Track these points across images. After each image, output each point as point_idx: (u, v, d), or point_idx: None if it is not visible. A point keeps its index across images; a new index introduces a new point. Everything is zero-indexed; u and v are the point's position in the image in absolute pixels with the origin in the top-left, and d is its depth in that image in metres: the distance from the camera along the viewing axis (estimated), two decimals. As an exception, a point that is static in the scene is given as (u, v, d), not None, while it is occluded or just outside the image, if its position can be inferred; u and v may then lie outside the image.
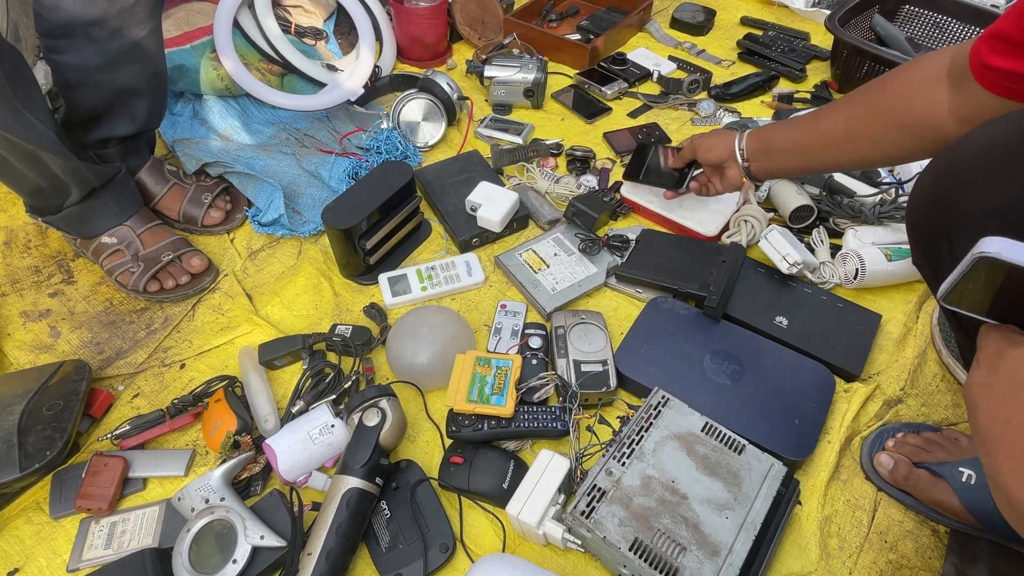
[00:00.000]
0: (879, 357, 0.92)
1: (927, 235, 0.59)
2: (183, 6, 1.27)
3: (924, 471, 0.77)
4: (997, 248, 0.42)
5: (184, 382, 0.91)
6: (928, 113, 0.66)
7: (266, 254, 1.08)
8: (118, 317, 0.99)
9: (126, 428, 0.83)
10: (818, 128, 0.80)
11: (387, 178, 1.02)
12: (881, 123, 0.72)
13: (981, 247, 0.43)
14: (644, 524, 0.69)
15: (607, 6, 1.63)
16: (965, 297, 0.48)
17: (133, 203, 1.02)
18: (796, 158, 0.84)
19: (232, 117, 1.26)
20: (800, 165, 0.85)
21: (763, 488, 0.73)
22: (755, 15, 1.63)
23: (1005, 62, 0.54)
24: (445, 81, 1.28)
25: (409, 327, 0.89)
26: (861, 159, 0.78)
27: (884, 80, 0.72)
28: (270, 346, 0.90)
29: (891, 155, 0.74)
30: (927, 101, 0.66)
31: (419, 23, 1.43)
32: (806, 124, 0.81)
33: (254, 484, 0.79)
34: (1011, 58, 0.53)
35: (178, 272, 0.99)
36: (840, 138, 0.77)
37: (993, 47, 0.55)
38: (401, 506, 0.75)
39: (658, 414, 0.78)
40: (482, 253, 1.08)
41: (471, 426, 0.80)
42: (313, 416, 0.80)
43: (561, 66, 1.48)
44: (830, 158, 0.80)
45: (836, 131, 0.77)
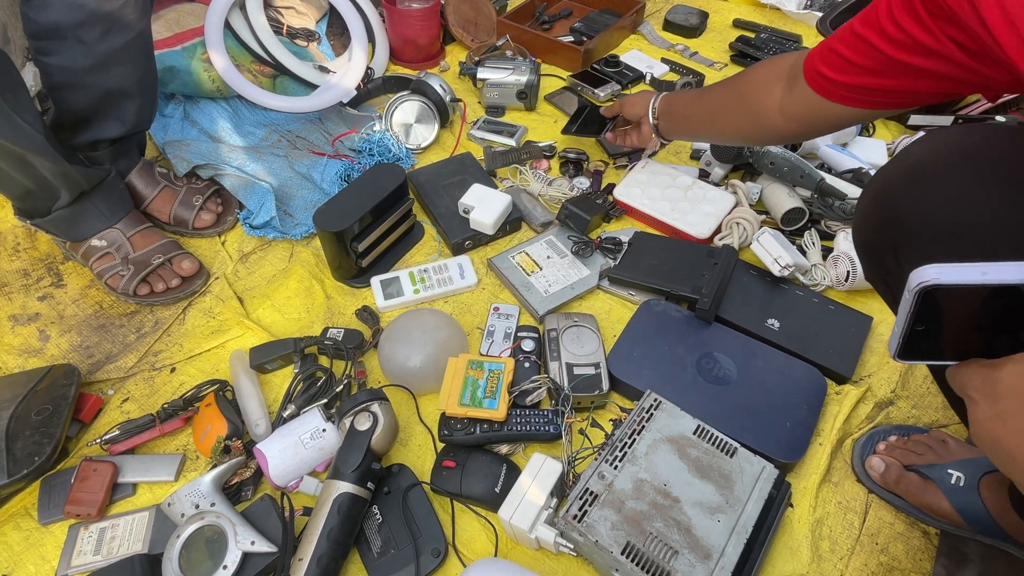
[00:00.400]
0: (870, 359, 0.93)
1: (874, 250, 0.61)
2: (174, 7, 1.26)
3: (914, 474, 0.77)
4: (934, 274, 0.38)
5: (174, 386, 0.91)
6: (764, 106, 0.78)
7: (257, 257, 1.07)
8: (108, 321, 0.99)
9: (116, 433, 0.83)
10: (701, 102, 0.94)
11: (379, 180, 1.02)
12: (735, 107, 0.85)
13: (917, 279, 0.39)
14: (636, 528, 0.69)
15: (600, 8, 1.64)
16: (919, 343, 0.43)
17: (123, 206, 1.01)
18: (687, 125, 0.98)
19: (223, 119, 1.25)
20: (690, 132, 1.02)
21: (755, 491, 0.73)
22: (747, 17, 1.64)
23: (831, 72, 0.66)
24: (438, 83, 1.27)
25: (401, 330, 0.89)
26: (724, 135, 0.95)
27: (749, 70, 0.84)
28: (261, 350, 0.90)
29: (740, 136, 0.90)
30: (766, 95, 0.78)
31: (412, 25, 1.42)
32: (696, 97, 0.95)
33: (245, 489, 0.78)
34: (836, 70, 0.65)
35: (168, 275, 0.99)
36: (712, 113, 0.91)
37: (826, 58, 0.66)
38: (393, 511, 0.75)
39: (650, 417, 0.78)
40: (475, 255, 1.08)
41: (463, 430, 0.80)
42: (304, 420, 0.79)
43: (554, 68, 1.48)
44: (706, 130, 0.96)
45: (711, 107, 0.91)
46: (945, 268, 0.38)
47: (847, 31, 0.62)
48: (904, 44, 0.57)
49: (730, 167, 1.18)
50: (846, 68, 0.64)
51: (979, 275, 0.37)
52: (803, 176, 1.06)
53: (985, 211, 0.49)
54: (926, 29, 0.54)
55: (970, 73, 0.55)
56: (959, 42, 0.53)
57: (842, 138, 1.20)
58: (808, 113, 0.72)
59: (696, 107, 0.95)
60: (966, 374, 0.42)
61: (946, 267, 0.38)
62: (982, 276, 0.37)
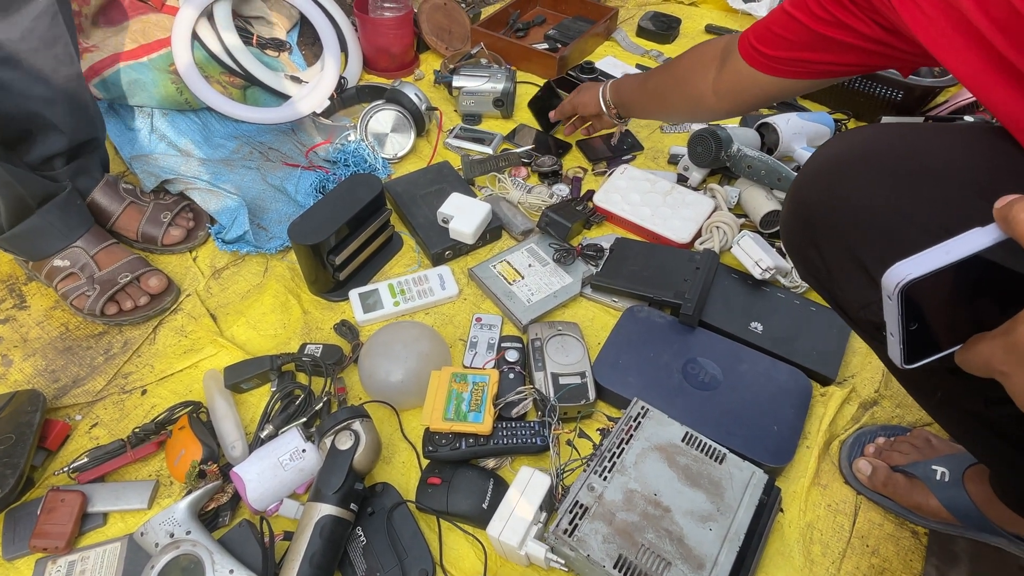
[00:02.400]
0: (853, 359, 0.93)
1: (798, 248, 0.61)
2: (139, 18, 1.23)
3: (901, 475, 0.77)
4: (906, 271, 0.37)
5: (146, 409, 0.87)
6: (698, 89, 0.87)
7: (231, 272, 1.04)
8: (74, 343, 0.95)
9: (84, 460, 0.79)
10: (645, 88, 1.02)
11: (355, 191, 1.00)
12: (673, 91, 0.94)
13: (893, 281, 0.38)
14: (628, 540, 0.68)
15: (574, 15, 1.64)
16: (918, 343, 0.41)
17: (82, 222, 0.97)
18: (637, 109, 1.07)
19: (193, 131, 1.22)
20: (642, 113, 1.09)
21: (745, 497, 0.72)
22: (719, 23, 1.65)
23: (765, 47, 0.73)
24: (413, 92, 1.26)
25: (382, 344, 0.87)
26: (669, 115, 1.14)
27: (684, 54, 0.92)
28: (236, 368, 0.87)
29: (681, 115, 1.10)
30: (699, 78, 0.86)
31: (385, 33, 1.41)
32: (640, 83, 1.03)
33: (222, 515, 0.75)
34: (770, 46, 0.72)
35: (136, 293, 0.95)
36: (655, 98, 1.00)
37: (760, 36, 0.73)
38: (378, 532, 0.73)
39: (638, 426, 0.77)
40: (455, 266, 1.06)
41: (448, 445, 0.78)
42: (283, 441, 0.77)
43: (530, 75, 1.47)
44: (653, 111, 1.07)
45: (653, 92, 1.00)
46: (911, 261, 0.38)
47: (779, 11, 0.70)
48: (828, 22, 0.64)
49: (708, 171, 1.18)
50: (778, 43, 0.71)
51: (944, 255, 0.37)
52: (780, 179, 1.06)
53: (885, 206, 0.51)
54: (846, 8, 0.61)
55: (887, 47, 0.62)
56: (876, 20, 0.59)
57: (817, 141, 1.21)
58: (739, 88, 0.80)
59: (641, 93, 1.04)
60: (982, 352, 0.39)
61: (911, 260, 0.38)
62: (946, 256, 0.37)
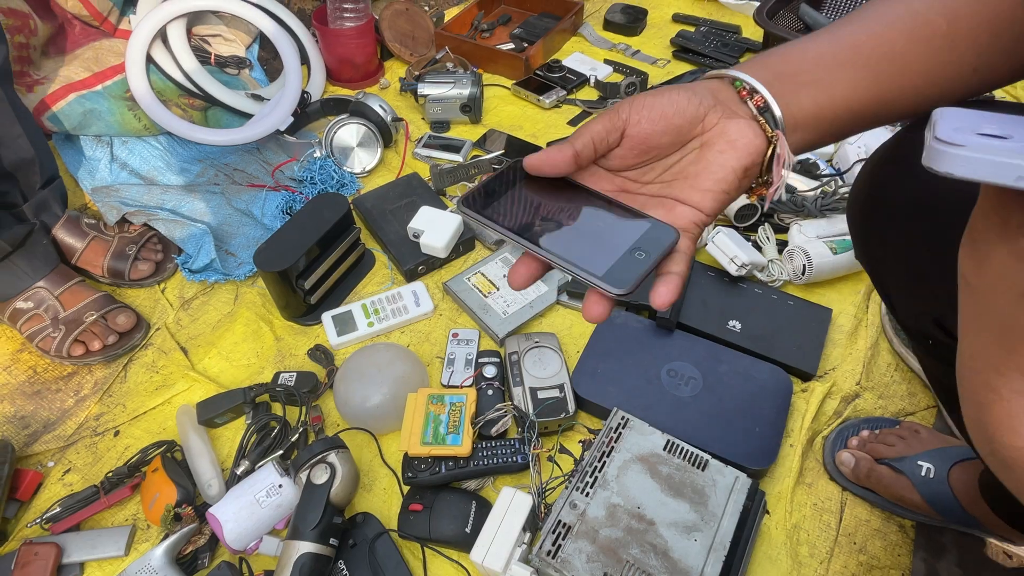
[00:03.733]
0: (833, 352, 0.92)
1: (862, 228, 0.58)
2: (91, 45, 1.20)
3: (885, 467, 0.77)
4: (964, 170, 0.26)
5: (119, 451, 0.86)
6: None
7: (200, 302, 1.02)
8: (43, 386, 0.93)
9: (57, 510, 0.78)
10: (863, 52, 0.41)
11: (322, 211, 0.98)
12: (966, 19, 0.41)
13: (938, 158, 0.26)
14: (613, 557, 0.67)
15: (539, 12, 1.61)
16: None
17: (47, 262, 0.95)
18: (867, 99, 0.42)
19: (154, 158, 1.19)
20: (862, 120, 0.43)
21: (729, 504, 0.71)
22: (686, 11, 1.63)
23: None
24: (378, 103, 1.24)
25: (356, 369, 0.85)
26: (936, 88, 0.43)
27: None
28: (209, 404, 0.85)
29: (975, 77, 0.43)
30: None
31: (346, 44, 1.38)
32: (850, 40, 0.42)
33: (201, 557, 0.74)
34: None
35: (103, 332, 0.93)
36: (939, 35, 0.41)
37: None
38: (360, 564, 0.72)
39: (619, 437, 0.76)
40: (429, 280, 1.05)
41: (428, 470, 0.77)
42: (259, 477, 0.75)
43: (497, 77, 1.45)
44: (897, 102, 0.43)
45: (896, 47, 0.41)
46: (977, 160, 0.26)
47: None
48: None
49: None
50: None
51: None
52: (752, 172, 1.05)
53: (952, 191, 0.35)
54: None
55: None
56: None
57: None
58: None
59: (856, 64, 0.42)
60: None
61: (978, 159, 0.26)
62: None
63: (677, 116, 0.39)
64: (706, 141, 0.40)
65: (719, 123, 0.40)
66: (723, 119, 0.39)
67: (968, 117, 0.28)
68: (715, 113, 0.40)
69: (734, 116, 0.40)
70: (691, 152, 0.41)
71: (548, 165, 0.40)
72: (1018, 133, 0.27)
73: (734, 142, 0.39)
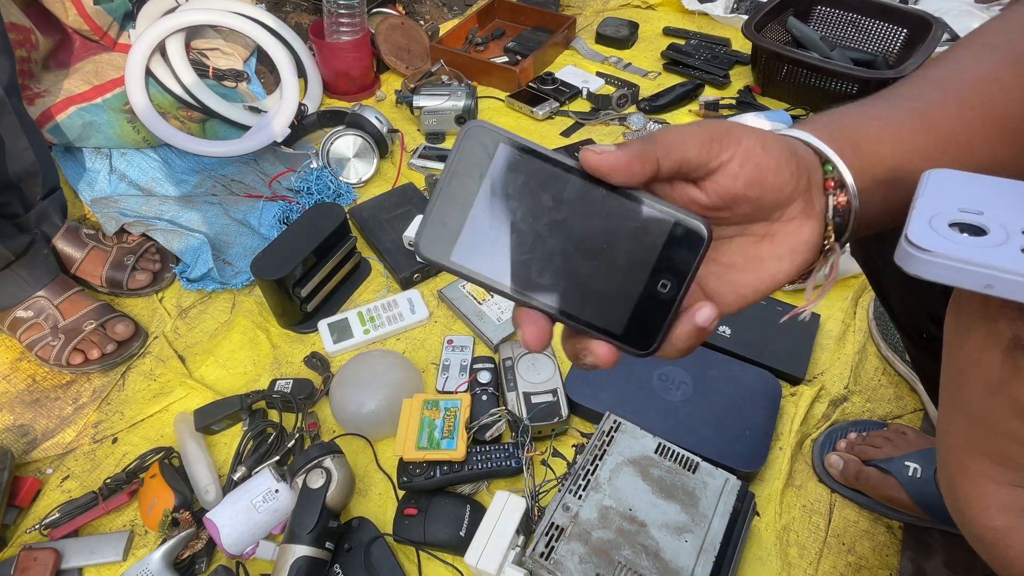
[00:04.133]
0: (821, 357, 0.94)
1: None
2: (91, 59, 1.22)
3: (873, 468, 0.78)
4: (926, 271, 0.26)
5: (117, 458, 0.86)
6: None
7: (197, 311, 1.03)
8: (42, 395, 0.94)
9: (56, 516, 0.78)
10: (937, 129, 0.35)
11: (318, 220, 1.00)
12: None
13: (902, 259, 0.27)
14: (605, 558, 0.68)
15: (532, 26, 1.64)
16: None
17: (47, 272, 0.96)
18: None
19: (153, 169, 1.21)
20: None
21: (719, 505, 0.72)
22: (677, 24, 1.67)
23: None
24: (374, 115, 1.26)
25: (351, 376, 0.86)
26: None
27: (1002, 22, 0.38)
28: (206, 411, 0.86)
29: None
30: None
31: (343, 57, 1.40)
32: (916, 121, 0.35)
33: (198, 562, 0.75)
34: None
35: (102, 341, 0.94)
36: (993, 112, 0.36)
37: None
38: (356, 568, 0.73)
39: (611, 440, 0.77)
40: (425, 288, 1.06)
41: (423, 474, 0.78)
42: (255, 483, 0.76)
43: (491, 89, 1.48)
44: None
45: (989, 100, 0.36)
46: (941, 265, 0.26)
47: None
48: None
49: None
50: None
51: (981, 285, 0.26)
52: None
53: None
54: None
55: None
56: None
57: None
58: None
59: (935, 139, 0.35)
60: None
61: (942, 264, 0.26)
62: (985, 288, 0.26)
63: (774, 191, 0.30)
64: (773, 233, 0.32)
65: (797, 219, 0.32)
66: (802, 215, 0.32)
67: (951, 190, 0.28)
68: (799, 203, 0.31)
69: (811, 212, 0.32)
70: (750, 236, 0.32)
71: (623, 171, 0.28)
72: (998, 219, 0.26)
73: (796, 248, 0.32)
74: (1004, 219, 0.26)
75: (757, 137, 0.30)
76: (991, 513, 0.28)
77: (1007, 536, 0.28)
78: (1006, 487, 0.28)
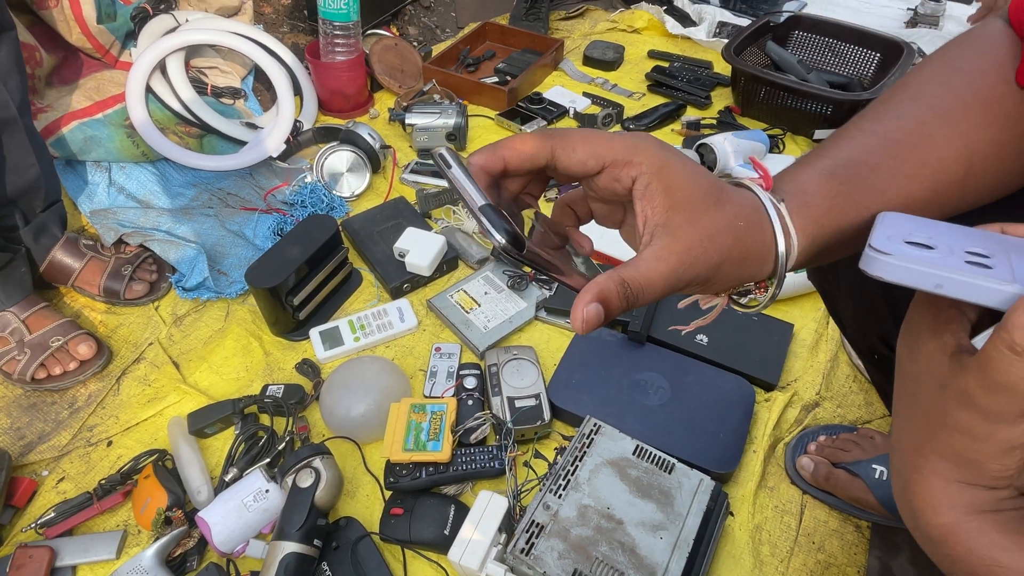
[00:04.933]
0: (794, 364, 0.98)
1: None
2: (93, 76, 1.26)
3: (842, 471, 0.81)
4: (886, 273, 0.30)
5: (112, 460, 0.89)
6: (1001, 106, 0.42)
7: (192, 319, 1.06)
8: (39, 399, 0.96)
9: (51, 515, 0.80)
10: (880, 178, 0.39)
11: (312, 232, 1.03)
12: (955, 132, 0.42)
13: (867, 264, 0.31)
14: (583, 554, 0.70)
15: (522, 48, 1.70)
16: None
17: (21, 290, 0.98)
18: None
19: (151, 182, 1.25)
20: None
21: (694, 504, 0.75)
22: (661, 48, 1.73)
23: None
24: (367, 132, 1.30)
25: (341, 381, 0.89)
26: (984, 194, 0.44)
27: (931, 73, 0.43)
28: (199, 414, 0.89)
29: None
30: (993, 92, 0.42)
31: (338, 76, 1.45)
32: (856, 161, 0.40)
33: (190, 559, 0.77)
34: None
35: (65, 358, 0.96)
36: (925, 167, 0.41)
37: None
38: (343, 565, 0.75)
39: (591, 442, 0.81)
40: (414, 298, 1.10)
41: (409, 475, 0.81)
42: (246, 483, 0.79)
43: (482, 108, 1.53)
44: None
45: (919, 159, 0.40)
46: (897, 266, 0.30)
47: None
48: None
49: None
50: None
51: (932, 285, 0.30)
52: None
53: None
54: None
55: None
56: None
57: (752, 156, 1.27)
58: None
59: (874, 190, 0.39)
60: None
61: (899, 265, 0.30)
62: (935, 288, 0.30)
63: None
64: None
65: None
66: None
67: (904, 224, 0.33)
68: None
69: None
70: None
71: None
72: (943, 243, 0.30)
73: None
74: (949, 243, 0.31)
75: (736, 263, 0.35)
76: (941, 510, 0.29)
77: (954, 533, 0.29)
78: (955, 484, 0.29)
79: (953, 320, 0.30)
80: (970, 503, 0.29)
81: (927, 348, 0.31)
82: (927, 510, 0.30)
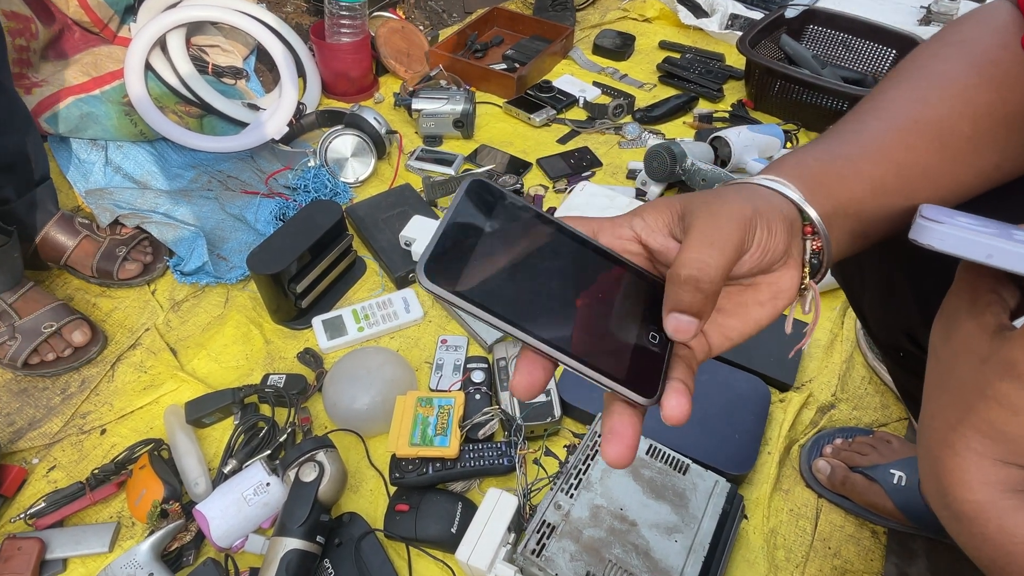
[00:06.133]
0: (809, 365, 0.95)
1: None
2: (90, 51, 1.22)
3: (859, 475, 0.79)
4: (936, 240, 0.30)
5: (105, 449, 0.86)
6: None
7: (190, 305, 1.03)
8: (29, 384, 0.92)
9: (41, 505, 0.77)
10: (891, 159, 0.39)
11: (316, 218, 1.00)
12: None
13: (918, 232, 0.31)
14: (595, 556, 0.68)
15: (531, 35, 1.66)
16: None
17: (13, 276, 0.94)
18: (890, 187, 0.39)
19: (149, 162, 1.21)
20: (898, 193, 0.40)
21: (709, 507, 0.73)
22: (672, 39, 1.70)
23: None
24: (372, 116, 1.26)
25: (346, 371, 0.87)
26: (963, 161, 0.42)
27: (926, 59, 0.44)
28: (197, 403, 0.86)
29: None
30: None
31: (343, 58, 1.41)
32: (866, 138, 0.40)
33: (186, 554, 0.74)
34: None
35: (59, 344, 0.92)
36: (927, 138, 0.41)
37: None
38: (345, 562, 0.72)
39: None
40: (419, 288, 1.07)
41: (415, 471, 0.78)
42: (246, 475, 0.76)
43: (489, 95, 1.49)
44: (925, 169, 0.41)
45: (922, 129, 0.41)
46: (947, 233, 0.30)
47: None
48: None
49: (664, 185, 1.20)
50: None
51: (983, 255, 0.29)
52: (734, 191, 1.09)
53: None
54: None
55: None
56: None
57: (767, 151, 1.25)
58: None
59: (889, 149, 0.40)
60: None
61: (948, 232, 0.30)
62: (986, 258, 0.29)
63: (771, 260, 0.33)
64: (757, 283, 0.34)
65: (779, 270, 0.34)
66: (783, 267, 0.34)
67: (950, 211, 0.33)
68: (784, 257, 0.34)
69: (790, 261, 0.34)
70: (737, 285, 0.35)
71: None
72: (990, 223, 0.31)
73: (777, 295, 0.34)
74: (996, 224, 0.31)
75: (765, 222, 0.32)
76: (973, 486, 0.29)
77: (987, 510, 0.29)
78: (989, 460, 0.29)
79: (993, 303, 0.30)
80: (1005, 480, 0.28)
81: (966, 328, 0.31)
82: (959, 486, 0.30)
